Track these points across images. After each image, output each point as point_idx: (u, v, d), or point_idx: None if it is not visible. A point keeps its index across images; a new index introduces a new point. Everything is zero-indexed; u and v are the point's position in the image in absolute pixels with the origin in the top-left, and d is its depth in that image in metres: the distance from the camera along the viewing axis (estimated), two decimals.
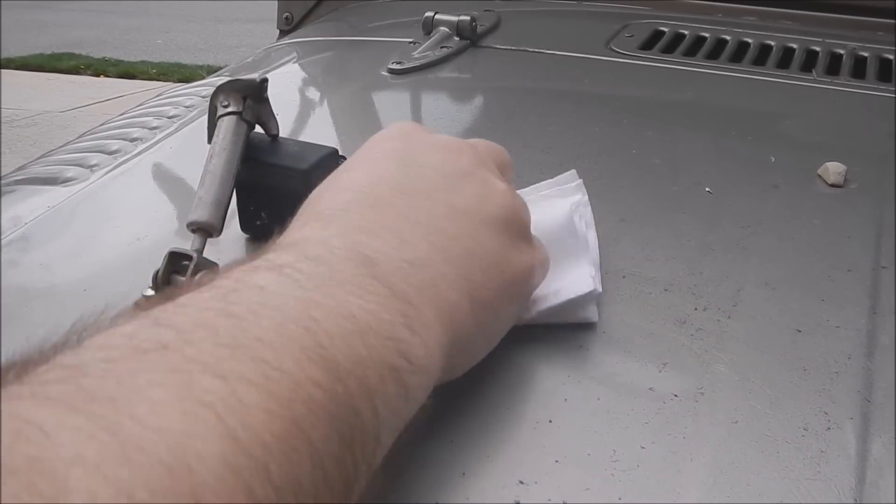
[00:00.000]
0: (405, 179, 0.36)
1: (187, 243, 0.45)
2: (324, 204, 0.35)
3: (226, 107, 0.49)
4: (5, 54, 5.29)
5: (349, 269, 0.29)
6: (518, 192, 0.45)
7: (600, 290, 0.44)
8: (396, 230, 0.33)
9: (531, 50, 0.91)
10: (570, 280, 0.42)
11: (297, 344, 0.25)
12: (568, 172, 0.53)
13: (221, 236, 0.47)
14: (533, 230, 0.41)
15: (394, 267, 0.31)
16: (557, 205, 0.47)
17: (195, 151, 0.52)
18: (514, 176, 0.45)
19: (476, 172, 0.38)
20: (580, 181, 0.52)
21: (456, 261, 0.33)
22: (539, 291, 0.42)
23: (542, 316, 0.42)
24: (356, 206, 0.34)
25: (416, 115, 0.78)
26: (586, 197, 0.51)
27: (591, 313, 0.43)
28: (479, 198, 0.36)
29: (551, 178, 0.53)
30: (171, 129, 0.72)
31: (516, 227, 0.38)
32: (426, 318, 0.30)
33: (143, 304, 0.27)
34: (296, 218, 0.35)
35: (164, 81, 4.90)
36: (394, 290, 0.30)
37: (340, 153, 0.53)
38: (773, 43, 0.94)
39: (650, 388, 0.39)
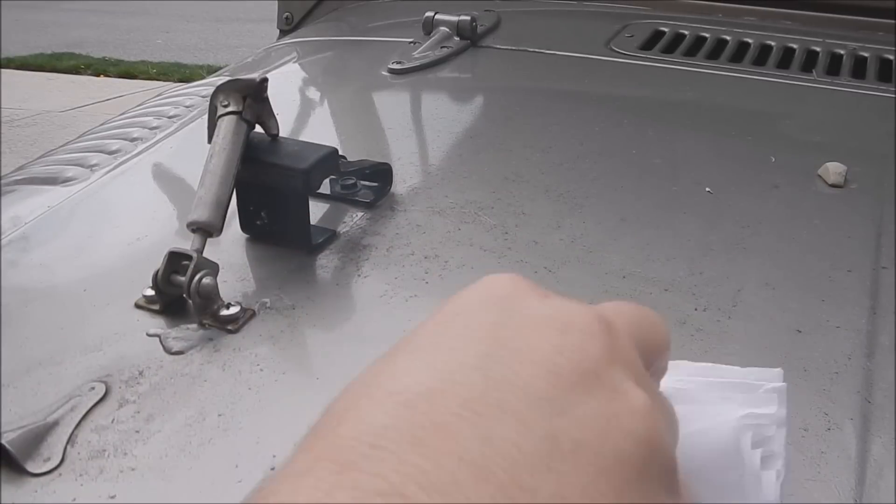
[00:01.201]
0: (485, 384, 0.22)
1: (187, 243, 0.45)
2: (350, 423, 0.22)
3: (226, 106, 0.49)
4: (5, 54, 5.29)
5: None
6: (679, 377, 0.32)
7: None
8: (452, 493, 0.20)
9: (531, 50, 0.91)
10: None
11: None
12: (774, 370, 0.34)
13: (221, 236, 0.47)
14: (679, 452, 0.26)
15: None
16: (722, 415, 0.31)
17: (195, 151, 0.52)
18: (670, 345, 0.29)
19: (605, 373, 0.24)
20: (783, 385, 0.33)
21: None
22: None
23: None
24: (395, 440, 0.21)
25: (417, 116, 0.78)
26: (784, 410, 0.32)
27: None
28: (603, 423, 0.22)
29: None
30: (171, 129, 0.72)
31: (658, 472, 0.23)
32: None
33: None
34: (310, 435, 0.22)
35: (165, 81, 4.90)
36: None
37: (340, 153, 0.53)
38: (773, 43, 0.93)
39: None
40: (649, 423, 0.23)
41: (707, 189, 0.59)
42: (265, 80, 0.50)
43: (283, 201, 0.50)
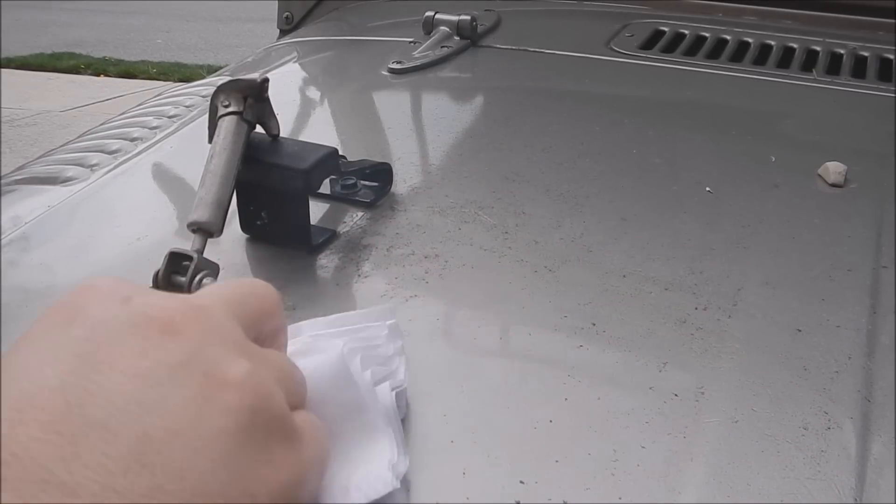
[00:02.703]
0: (66, 404, 0.23)
1: (187, 243, 0.45)
2: None
3: (226, 106, 0.49)
4: (5, 54, 5.29)
5: None
6: (298, 333, 0.36)
7: (404, 469, 0.33)
8: None
9: (531, 50, 0.91)
10: (362, 473, 0.32)
11: None
12: (384, 307, 0.40)
13: (222, 236, 0.47)
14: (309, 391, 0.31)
15: None
16: (330, 349, 0.34)
17: (195, 151, 0.52)
18: (280, 305, 0.33)
19: (195, 359, 0.25)
20: (394, 321, 0.40)
21: None
22: (325, 486, 0.31)
23: None
24: None
25: (417, 115, 0.78)
26: (398, 342, 0.39)
27: None
28: (196, 405, 0.24)
29: (548, 185, 0.53)
30: (172, 128, 0.72)
31: (264, 428, 0.26)
32: None
33: None
34: None
35: (165, 81, 4.90)
36: None
37: (341, 153, 0.53)
38: (773, 43, 0.94)
39: (650, 388, 0.39)
40: (246, 390, 0.25)
41: (707, 189, 0.59)
42: (266, 81, 0.50)
43: (284, 201, 0.50)
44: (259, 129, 0.50)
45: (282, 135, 0.51)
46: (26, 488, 0.21)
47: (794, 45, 0.92)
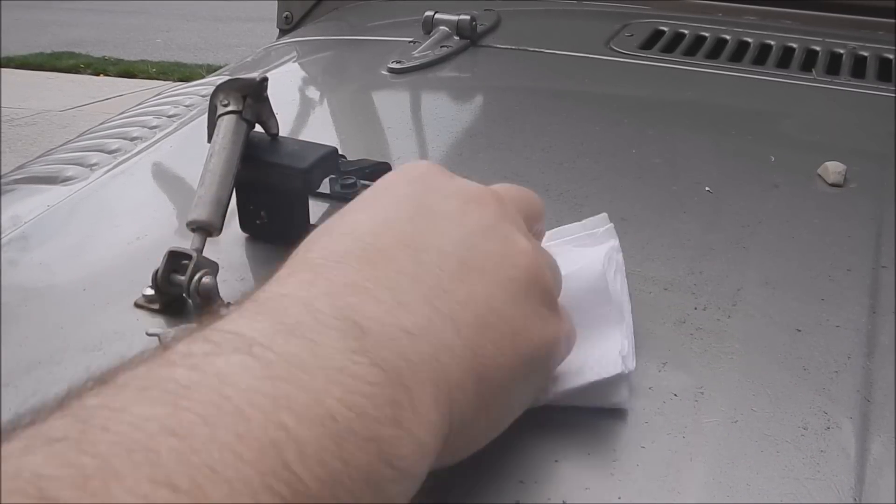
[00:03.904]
0: (414, 230, 0.31)
1: (187, 242, 0.45)
2: (317, 250, 0.30)
3: (226, 106, 0.49)
4: (5, 53, 5.29)
5: (333, 343, 0.25)
6: (545, 241, 0.42)
7: (632, 368, 0.38)
8: (396, 290, 0.28)
9: (531, 50, 0.91)
10: (597, 357, 0.37)
11: (259, 468, 0.20)
12: (599, 216, 0.47)
13: (221, 235, 0.47)
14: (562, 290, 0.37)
15: (388, 337, 0.26)
16: (589, 258, 0.41)
17: (195, 150, 0.52)
18: (545, 214, 0.41)
19: (498, 226, 0.33)
20: (611, 225, 0.46)
21: (464, 330, 0.29)
22: (561, 367, 0.36)
23: (562, 397, 0.36)
24: (352, 259, 0.29)
25: (416, 115, 0.78)
26: (617, 241, 0.45)
27: (621, 398, 0.37)
28: (499, 257, 0.32)
29: (562, 189, 0.53)
30: (171, 128, 0.72)
31: (540, 292, 0.33)
32: (421, 403, 0.26)
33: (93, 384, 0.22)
34: (286, 263, 0.30)
35: (164, 80, 4.90)
36: (385, 367, 0.25)
37: (340, 152, 0.53)
38: (773, 42, 0.93)
39: (650, 388, 0.39)
40: (530, 260, 0.33)
41: (707, 188, 0.59)
42: (265, 80, 0.50)
43: (283, 201, 0.50)
44: (258, 128, 0.50)
45: (281, 134, 0.51)
46: (388, 272, 0.29)
47: (794, 45, 0.92)
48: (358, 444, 0.23)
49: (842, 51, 0.91)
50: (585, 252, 0.43)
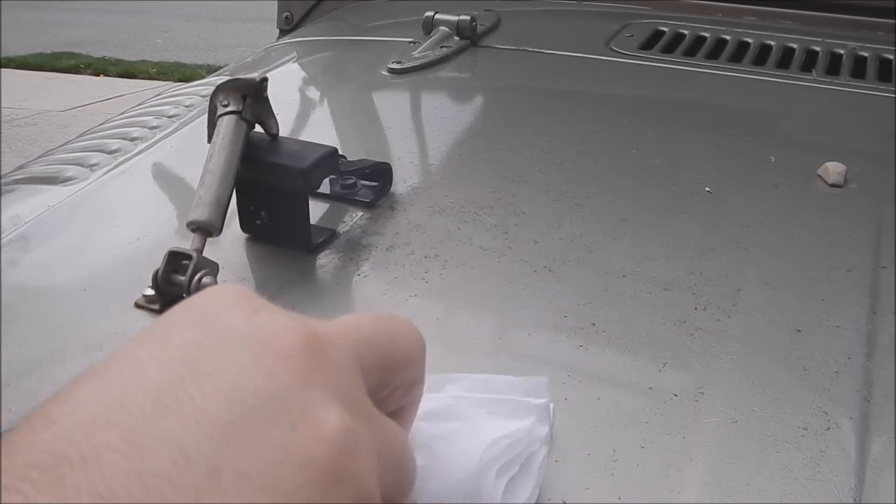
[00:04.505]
0: (153, 414, 0.21)
1: (187, 243, 0.45)
2: (14, 450, 0.20)
3: (226, 106, 0.49)
4: (5, 54, 5.29)
5: None
6: (455, 390, 0.33)
7: None
8: None
9: (531, 50, 0.91)
10: None
11: None
12: (540, 380, 0.35)
13: (221, 235, 0.47)
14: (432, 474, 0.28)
15: None
16: (474, 450, 0.31)
17: (195, 151, 0.52)
18: (421, 356, 0.29)
19: (292, 396, 0.22)
20: (548, 402, 0.35)
21: None
22: None
23: None
24: (36, 480, 0.19)
25: (416, 115, 0.78)
26: (548, 428, 0.34)
27: None
28: (279, 451, 0.21)
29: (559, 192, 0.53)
30: (171, 128, 0.72)
31: (343, 496, 0.22)
32: None
33: None
34: None
35: (164, 81, 4.90)
36: None
37: (340, 152, 0.53)
38: (773, 43, 0.94)
39: (650, 388, 0.39)
40: (335, 450, 0.22)
41: (707, 189, 0.59)
42: (265, 80, 0.50)
43: (283, 201, 0.50)
44: (258, 128, 0.50)
45: (281, 134, 0.51)
46: (80, 497, 0.19)
47: (794, 46, 0.92)
48: None
49: (842, 51, 0.91)
50: (491, 427, 0.32)
